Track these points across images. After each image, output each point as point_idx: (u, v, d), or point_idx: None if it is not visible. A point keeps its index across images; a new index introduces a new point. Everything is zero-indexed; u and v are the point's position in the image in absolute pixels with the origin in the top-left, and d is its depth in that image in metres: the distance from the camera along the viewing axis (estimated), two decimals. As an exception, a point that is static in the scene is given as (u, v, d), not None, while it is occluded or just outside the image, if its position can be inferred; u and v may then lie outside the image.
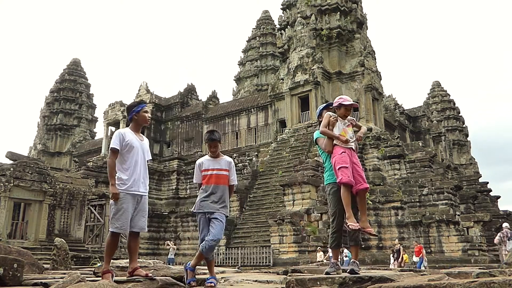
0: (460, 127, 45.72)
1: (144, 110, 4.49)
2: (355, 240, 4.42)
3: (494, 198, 34.05)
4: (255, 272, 6.88)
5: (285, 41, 31.97)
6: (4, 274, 3.78)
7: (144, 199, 4.41)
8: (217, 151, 4.46)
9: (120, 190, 4.18)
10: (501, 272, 3.76)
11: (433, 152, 27.39)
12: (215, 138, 4.45)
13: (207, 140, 4.47)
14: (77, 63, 48.74)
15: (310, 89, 28.80)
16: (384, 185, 23.90)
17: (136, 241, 4.36)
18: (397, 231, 22.33)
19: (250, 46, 48.48)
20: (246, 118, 33.91)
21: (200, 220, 4.34)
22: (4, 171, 15.18)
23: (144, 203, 4.39)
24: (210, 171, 4.39)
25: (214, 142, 4.43)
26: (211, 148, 4.45)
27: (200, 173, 4.45)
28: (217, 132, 4.53)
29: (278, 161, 27.64)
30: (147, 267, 4.73)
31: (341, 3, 31.07)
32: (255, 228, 23.76)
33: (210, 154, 4.49)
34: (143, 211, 4.38)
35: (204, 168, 4.43)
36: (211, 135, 4.45)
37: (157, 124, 38.29)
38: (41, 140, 44.94)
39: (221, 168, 4.41)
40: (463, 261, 18.99)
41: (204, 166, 4.44)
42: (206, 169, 4.41)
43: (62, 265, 7.83)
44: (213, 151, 4.45)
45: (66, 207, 17.23)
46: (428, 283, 2.76)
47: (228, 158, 4.57)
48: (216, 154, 4.47)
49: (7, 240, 14.40)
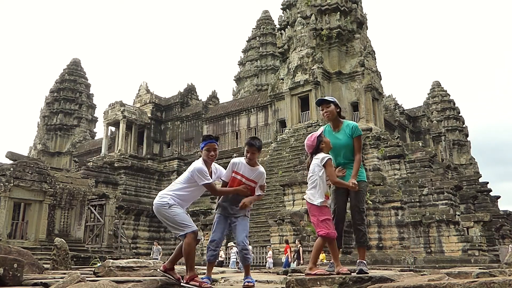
0: (460, 127, 45.72)
1: (206, 148, 4.29)
2: (362, 242, 4.42)
3: (494, 198, 34.11)
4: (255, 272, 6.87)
5: (285, 41, 31.97)
6: (4, 274, 3.78)
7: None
8: (254, 159, 4.36)
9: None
10: (501, 272, 3.76)
11: (433, 152, 27.40)
12: (254, 144, 4.35)
13: (246, 144, 4.41)
14: (77, 63, 48.74)
15: (310, 89, 28.80)
16: (384, 185, 23.91)
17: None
18: (397, 231, 22.34)
19: (250, 46, 48.49)
20: (246, 118, 33.91)
21: (218, 219, 4.38)
22: (4, 171, 15.18)
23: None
24: (240, 176, 4.33)
25: (252, 148, 4.34)
26: (248, 153, 4.35)
27: (231, 172, 4.38)
28: (258, 140, 4.43)
29: (278, 161, 27.65)
30: (147, 267, 4.73)
31: (341, 3, 31.07)
32: (255, 228, 23.76)
33: (247, 160, 4.39)
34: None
35: (236, 171, 4.36)
36: (251, 140, 4.38)
37: (157, 124, 38.30)
38: (41, 140, 44.93)
39: (252, 179, 4.35)
40: (463, 261, 18.99)
41: (239, 169, 4.36)
42: (237, 172, 4.35)
43: (62, 265, 7.83)
44: (250, 157, 4.35)
45: (66, 207, 17.22)
46: (428, 283, 2.76)
47: (262, 169, 4.48)
48: (253, 162, 4.38)
49: (7, 240, 14.40)
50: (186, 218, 4.06)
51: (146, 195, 33.76)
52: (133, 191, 33.16)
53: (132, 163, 33.67)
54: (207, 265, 4.42)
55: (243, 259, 4.33)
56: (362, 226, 4.42)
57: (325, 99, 4.63)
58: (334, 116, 4.58)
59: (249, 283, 4.13)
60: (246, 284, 4.12)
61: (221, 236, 4.33)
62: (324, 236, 4.08)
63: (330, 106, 4.56)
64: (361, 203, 4.43)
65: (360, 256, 4.39)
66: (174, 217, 4.02)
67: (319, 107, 4.72)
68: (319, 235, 4.13)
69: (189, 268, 4.13)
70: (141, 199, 32.83)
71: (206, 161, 4.27)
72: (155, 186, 34.91)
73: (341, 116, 4.69)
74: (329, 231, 4.07)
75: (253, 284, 4.19)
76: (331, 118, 4.59)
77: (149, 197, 33.77)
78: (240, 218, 4.34)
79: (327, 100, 4.61)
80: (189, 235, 4.00)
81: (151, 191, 34.41)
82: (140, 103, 38.68)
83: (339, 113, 4.63)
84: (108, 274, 4.46)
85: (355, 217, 4.42)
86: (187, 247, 4.03)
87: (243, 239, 4.26)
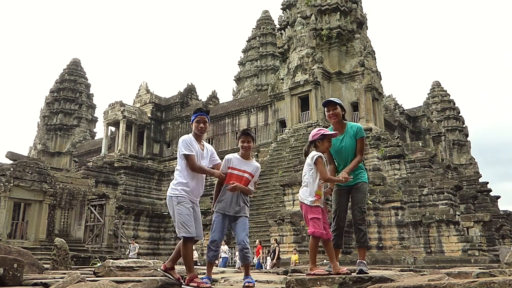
0: (460, 127, 45.71)
1: (196, 120, 4.33)
2: (362, 242, 4.42)
3: (494, 198, 34.09)
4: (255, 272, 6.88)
5: (285, 41, 31.97)
6: (4, 274, 3.77)
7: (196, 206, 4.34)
8: (248, 150, 4.37)
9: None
10: (501, 272, 3.76)
11: (433, 152, 27.41)
12: (250, 133, 4.40)
13: (241, 134, 4.40)
14: (77, 63, 48.73)
15: (310, 89, 28.80)
16: (384, 185, 23.92)
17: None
18: (397, 231, 22.35)
19: (250, 46, 48.49)
20: (246, 118, 33.90)
21: (217, 218, 4.36)
22: (4, 171, 15.18)
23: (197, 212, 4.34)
24: (237, 171, 4.32)
25: (248, 136, 4.36)
26: (244, 143, 4.35)
27: (226, 169, 4.38)
28: (251, 131, 4.50)
29: (278, 161, 27.65)
30: (147, 267, 4.73)
31: (341, 3, 31.07)
32: (255, 228, 23.75)
33: (242, 152, 4.39)
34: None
35: (233, 167, 4.36)
36: (245, 130, 4.42)
37: (157, 124, 38.30)
38: (41, 140, 44.93)
39: (250, 172, 4.34)
40: (463, 261, 19.00)
41: (234, 164, 4.36)
42: (234, 168, 4.34)
43: (62, 265, 7.83)
44: (245, 148, 4.35)
45: (66, 207, 17.22)
46: (428, 283, 2.76)
47: (257, 163, 4.49)
48: (247, 154, 4.39)
49: (7, 240, 14.40)
50: (187, 220, 4.02)
51: (146, 195, 33.77)
52: (133, 191, 33.15)
53: (132, 163, 33.67)
54: (207, 265, 4.42)
55: (243, 258, 4.33)
56: (363, 226, 4.43)
57: (332, 101, 4.57)
58: (339, 118, 4.53)
59: (249, 283, 4.13)
60: (246, 284, 4.12)
61: (221, 236, 4.33)
62: (311, 234, 4.08)
63: (337, 108, 4.51)
64: (362, 203, 4.43)
65: (360, 256, 4.39)
66: (178, 215, 4.04)
67: (325, 108, 4.65)
68: (308, 233, 4.15)
69: (188, 270, 4.14)
70: (141, 199, 32.83)
71: (197, 134, 4.29)
72: (155, 186, 34.91)
73: (344, 119, 4.65)
74: (316, 229, 4.04)
75: (253, 284, 4.19)
76: (336, 120, 4.54)
77: (149, 197, 33.78)
78: (240, 218, 4.34)
79: (334, 101, 4.56)
80: (185, 238, 4.02)
81: (151, 191, 34.42)
82: (140, 103, 38.68)
83: (343, 115, 4.60)
84: (108, 274, 4.46)
85: (356, 217, 4.42)
86: (184, 249, 4.06)
87: (243, 239, 4.26)
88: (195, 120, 4.31)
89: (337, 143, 4.49)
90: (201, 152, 4.28)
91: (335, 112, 4.51)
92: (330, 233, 4.28)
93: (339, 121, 4.55)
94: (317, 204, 4.15)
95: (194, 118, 4.32)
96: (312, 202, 4.13)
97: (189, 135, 4.29)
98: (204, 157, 4.33)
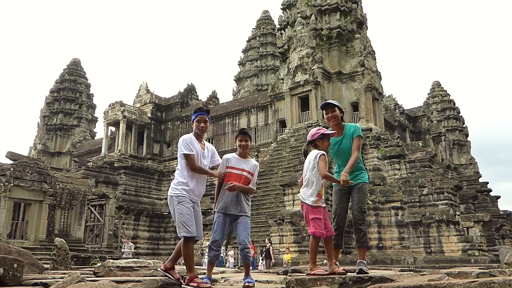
0: (460, 127, 45.71)
1: (197, 120, 4.34)
2: (362, 242, 4.42)
3: (494, 198, 34.09)
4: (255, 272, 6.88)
5: (285, 41, 31.97)
6: (4, 274, 3.77)
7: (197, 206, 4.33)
8: (246, 149, 4.41)
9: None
10: (501, 272, 3.76)
11: (433, 152, 27.41)
12: (247, 132, 4.44)
13: (239, 134, 4.43)
14: (77, 63, 48.73)
15: (310, 89, 28.80)
16: (384, 185, 23.93)
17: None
18: (397, 231, 22.35)
19: (250, 46, 48.49)
20: (246, 118, 33.90)
21: (218, 218, 4.36)
22: (4, 171, 15.18)
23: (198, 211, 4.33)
24: (236, 170, 4.34)
25: (245, 135, 4.40)
26: (241, 142, 4.39)
27: (224, 168, 4.39)
28: (248, 130, 4.56)
29: (278, 161, 27.65)
30: (147, 267, 4.73)
31: (341, 3, 31.08)
32: (255, 228, 23.73)
33: (240, 151, 4.43)
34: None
35: (231, 166, 4.37)
36: (243, 129, 4.46)
37: (157, 124, 38.30)
38: (41, 140, 44.93)
39: (249, 171, 4.36)
40: (463, 261, 19.00)
41: (233, 163, 4.38)
42: (232, 167, 4.36)
43: (62, 265, 7.83)
44: (243, 147, 4.39)
45: (66, 207, 17.22)
46: (428, 283, 2.76)
47: (255, 161, 4.53)
48: (245, 153, 4.43)
49: (7, 240, 14.39)
50: (188, 219, 4.02)
51: (146, 195, 33.76)
52: (133, 191, 33.15)
53: (132, 163, 33.67)
54: (208, 265, 4.42)
55: (244, 258, 4.33)
56: (363, 226, 4.43)
57: (330, 103, 4.57)
58: (338, 120, 4.54)
59: (249, 283, 4.13)
60: (246, 284, 4.11)
61: (222, 236, 4.33)
62: (311, 234, 4.08)
63: (335, 110, 4.52)
64: (362, 204, 4.44)
65: (360, 256, 4.39)
66: (178, 215, 4.04)
67: (323, 111, 4.65)
68: (308, 233, 4.14)
69: (188, 269, 4.14)
70: (141, 199, 32.83)
71: (197, 133, 4.30)
72: (155, 186, 34.91)
73: (343, 120, 4.65)
74: (317, 230, 4.03)
75: (253, 284, 4.18)
76: (335, 122, 4.54)
77: (149, 197, 33.77)
78: (241, 218, 4.34)
79: (332, 104, 4.56)
80: (185, 237, 4.02)
81: (151, 191, 34.42)
82: (140, 103, 38.68)
83: (342, 117, 4.60)
84: (108, 274, 4.46)
85: (356, 217, 4.42)
86: (184, 249, 4.06)
87: (244, 238, 4.26)
88: (196, 119, 4.31)
89: (336, 144, 4.49)
90: (202, 151, 4.28)
91: (333, 115, 4.52)
92: (332, 230, 4.27)
93: (338, 123, 4.56)
94: (318, 204, 4.15)
95: (195, 117, 4.33)
96: (314, 202, 4.12)
97: (190, 135, 4.29)
98: (205, 157, 4.33)
